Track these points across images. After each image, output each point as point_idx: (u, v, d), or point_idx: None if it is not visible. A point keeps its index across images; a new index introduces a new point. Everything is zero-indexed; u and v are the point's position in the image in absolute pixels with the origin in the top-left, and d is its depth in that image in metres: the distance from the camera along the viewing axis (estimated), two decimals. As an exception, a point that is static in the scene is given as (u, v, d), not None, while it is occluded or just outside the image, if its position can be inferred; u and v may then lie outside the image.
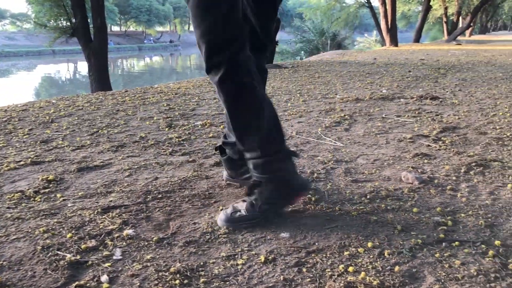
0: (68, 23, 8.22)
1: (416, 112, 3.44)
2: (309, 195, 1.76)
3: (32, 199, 1.79)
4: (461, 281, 1.19)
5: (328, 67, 7.35)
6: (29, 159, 2.30)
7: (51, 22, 8.78)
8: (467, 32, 27.27)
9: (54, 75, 24.22)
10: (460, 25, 23.79)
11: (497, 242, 1.39)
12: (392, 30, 15.74)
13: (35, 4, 9.32)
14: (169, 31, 65.12)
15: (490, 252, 1.32)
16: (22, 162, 2.26)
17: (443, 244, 1.39)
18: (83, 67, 23.06)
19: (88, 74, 7.83)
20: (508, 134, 2.71)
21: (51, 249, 1.37)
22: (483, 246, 1.37)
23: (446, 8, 24.38)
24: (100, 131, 2.96)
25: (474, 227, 1.50)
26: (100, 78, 7.56)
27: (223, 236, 1.45)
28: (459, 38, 21.76)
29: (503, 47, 13.79)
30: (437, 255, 1.32)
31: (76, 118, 3.39)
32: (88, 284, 1.19)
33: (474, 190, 1.84)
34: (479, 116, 3.29)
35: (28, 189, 1.88)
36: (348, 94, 4.37)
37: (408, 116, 3.32)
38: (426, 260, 1.30)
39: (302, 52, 20.77)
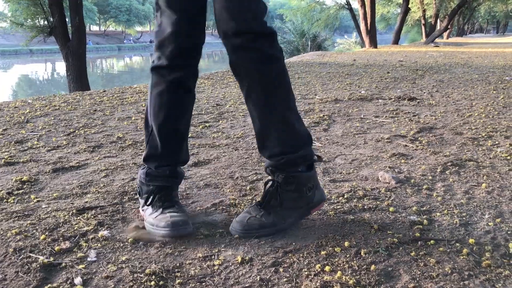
0: (46, 22, 8.08)
1: (394, 113, 3.48)
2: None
3: (5, 200, 1.75)
4: (435, 279, 1.20)
5: (308, 68, 7.39)
6: (3, 160, 2.25)
7: (28, 21, 8.62)
8: (445, 34, 27.71)
9: (32, 75, 23.81)
10: (438, 27, 24.15)
11: (471, 241, 1.40)
12: (372, 32, 15.90)
13: (11, 3, 9.15)
14: (149, 31, 64.62)
15: (464, 250, 1.34)
16: (-5, 163, 2.21)
17: (419, 243, 1.40)
18: (61, 67, 22.74)
19: (66, 74, 7.71)
20: (483, 134, 2.76)
21: (23, 251, 1.34)
22: (457, 244, 1.39)
23: (424, 11, 24.74)
24: (76, 131, 2.91)
25: (449, 226, 1.52)
26: (78, 78, 7.45)
27: (200, 237, 1.44)
28: (437, 40, 22.11)
29: (479, 49, 14.06)
30: (412, 253, 1.33)
31: (52, 118, 3.33)
32: (61, 287, 1.17)
33: (449, 190, 1.86)
34: (455, 116, 3.35)
35: (1, 191, 1.84)
36: (327, 94, 4.40)
37: (386, 116, 3.35)
38: (402, 259, 1.31)
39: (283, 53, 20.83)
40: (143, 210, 1.55)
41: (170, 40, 1.43)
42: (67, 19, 7.57)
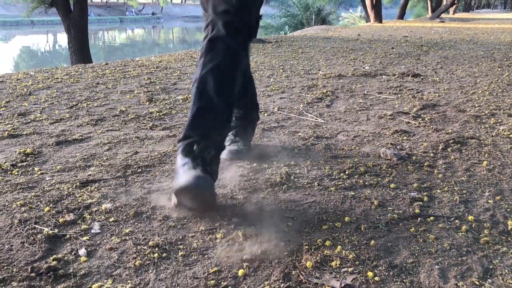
0: (47, -7, 7.98)
1: (398, 89, 3.46)
2: (289, 171, 1.78)
3: (9, 172, 1.77)
4: (434, 255, 1.22)
5: (312, 42, 7.32)
6: (6, 132, 2.26)
7: (29, -9, 8.50)
8: (451, 9, 27.29)
9: (33, 47, 23.64)
10: (444, 2, 23.77)
11: (470, 218, 1.42)
12: (377, 6, 15.67)
13: (12, -28, 9.01)
14: (151, 2, 63.77)
15: (463, 227, 1.36)
16: (-1, 135, 2.22)
17: (419, 219, 1.42)
18: (63, 38, 22.53)
19: (68, 46, 7.65)
20: (486, 112, 2.75)
21: (28, 222, 1.36)
22: (457, 221, 1.41)
23: (431, -15, 24.30)
24: (79, 104, 2.91)
25: (449, 202, 1.54)
26: (80, 50, 7.39)
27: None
28: (442, 15, 21.79)
29: (485, 25, 13.87)
30: (412, 229, 1.35)
31: (55, 91, 3.33)
32: (66, 258, 1.19)
33: (450, 167, 1.87)
34: (459, 94, 3.33)
35: (5, 163, 1.85)
36: (331, 70, 4.37)
37: (389, 93, 3.34)
38: (401, 235, 1.32)
39: (287, 27, 20.51)
40: None
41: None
42: (68, -10, 7.47)
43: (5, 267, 1.14)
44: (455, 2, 23.02)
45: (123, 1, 56.84)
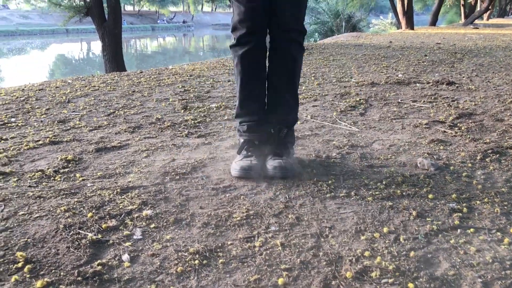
0: (82, 2, 8.21)
1: (432, 98, 3.41)
2: (325, 180, 1.78)
3: (52, 178, 1.83)
4: (476, 268, 1.20)
5: (343, 50, 7.29)
6: (48, 139, 2.34)
7: (65, 1, 8.76)
8: (485, 15, 26.71)
9: (68, 54, 24.31)
10: (478, 8, 23.31)
11: (512, 230, 1.39)
12: (408, 13, 15.50)
13: (49, -17, 9.30)
14: (182, 11, 64.71)
15: (506, 240, 1.33)
16: (40, 142, 2.30)
17: (458, 230, 1.40)
18: (97, 46, 23.09)
19: (102, 54, 7.84)
20: (525, 121, 2.69)
21: (72, 228, 1.40)
22: (498, 233, 1.38)
23: (464, -9, 23.85)
24: (116, 112, 2.99)
25: (490, 214, 1.51)
26: (114, 58, 7.57)
27: (239, 218, 1.48)
28: (476, 21, 21.34)
29: (521, 31, 13.52)
30: (452, 241, 1.33)
31: (93, 98, 3.42)
32: (110, 263, 1.22)
33: (490, 177, 1.83)
34: (496, 102, 3.26)
35: (48, 169, 1.92)
36: (363, 78, 4.35)
37: (424, 101, 3.30)
38: (441, 246, 1.31)
39: (316, 34, 20.48)
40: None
41: (242, 25, 1.83)
42: (103, -1, 7.67)
43: (53, 271, 1.18)
44: (490, 7, 22.53)
45: (154, 10, 57.82)
